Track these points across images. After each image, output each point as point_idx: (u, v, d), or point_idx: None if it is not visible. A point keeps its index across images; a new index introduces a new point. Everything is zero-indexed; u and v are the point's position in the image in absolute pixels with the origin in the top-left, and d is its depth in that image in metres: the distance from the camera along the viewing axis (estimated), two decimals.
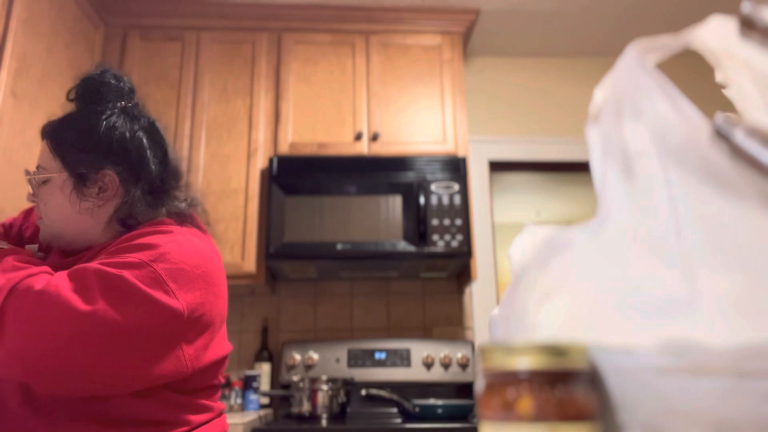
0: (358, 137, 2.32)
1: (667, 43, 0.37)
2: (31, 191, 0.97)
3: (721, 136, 0.30)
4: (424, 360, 2.32)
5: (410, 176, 2.26)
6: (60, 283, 0.77)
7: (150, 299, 0.79)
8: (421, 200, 2.21)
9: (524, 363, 0.30)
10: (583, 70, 2.87)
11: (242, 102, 2.36)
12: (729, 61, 0.37)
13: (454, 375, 2.31)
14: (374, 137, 2.32)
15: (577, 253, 0.36)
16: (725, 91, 0.40)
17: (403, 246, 2.16)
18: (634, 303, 0.32)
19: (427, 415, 2.00)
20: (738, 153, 0.29)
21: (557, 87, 2.86)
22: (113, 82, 0.99)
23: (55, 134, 0.96)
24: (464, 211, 2.22)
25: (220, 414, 0.96)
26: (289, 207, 2.18)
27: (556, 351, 0.30)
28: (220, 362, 0.94)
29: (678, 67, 2.68)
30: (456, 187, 2.25)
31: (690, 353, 0.29)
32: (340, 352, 2.34)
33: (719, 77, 0.40)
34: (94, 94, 0.97)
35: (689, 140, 0.33)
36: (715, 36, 0.37)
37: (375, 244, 2.15)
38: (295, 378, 2.11)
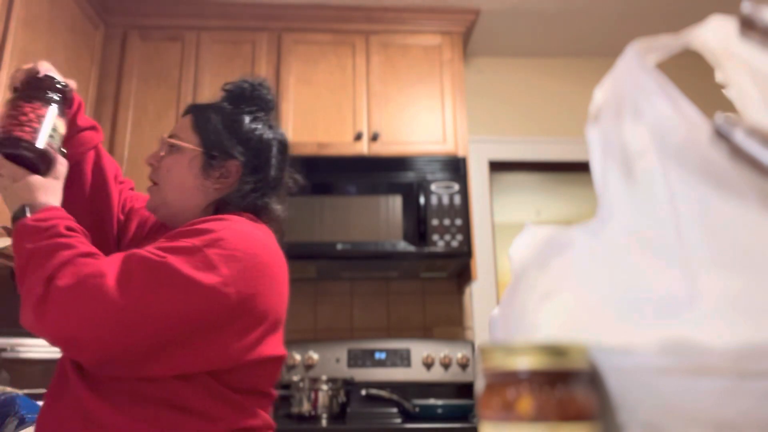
0: (358, 137, 2.32)
1: (667, 43, 0.37)
2: (161, 153, 1.02)
3: (721, 136, 0.30)
4: (424, 360, 2.32)
5: (410, 176, 2.26)
6: (106, 270, 0.79)
7: (194, 284, 0.80)
8: (421, 200, 2.21)
9: (524, 363, 0.30)
10: (583, 70, 2.87)
11: None
12: (729, 61, 0.37)
13: (454, 375, 2.31)
14: (374, 137, 2.32)
15: (577, 253, 0.36)
16: (725, 91, 0.40)
17: (403, 246, 2.16)
18: (634, 303, 0.32)
19: (427, 415, 2.00)
20: (738, 153, 0.29)
21: (557, 87, 2.86)
22: (265, 94, 1.10)
23: (201, 113, 1.05)
24: (464, 211, 2.22)
25: (267, 428, 0.93)
26: (289, 207, 2.18)
27: (556, 351, 0.30)
28: (271, 364, 0.92)
29: (678, 67, 2.67)
30: (456, 187, 2.25)
31: (690, 353, 0.29)
32: (340, 352, 2.34)
33: (719, 77, 0.40)
34: (247, 96, 1.08)
35: (689, 140, 0.33)
36: (715, 36, 0.37)
37: (375, 244, 2.15)
38: (295, 378, 2.11)
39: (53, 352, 1.96)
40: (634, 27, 2.66)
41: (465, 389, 2.33)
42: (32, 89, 0.93)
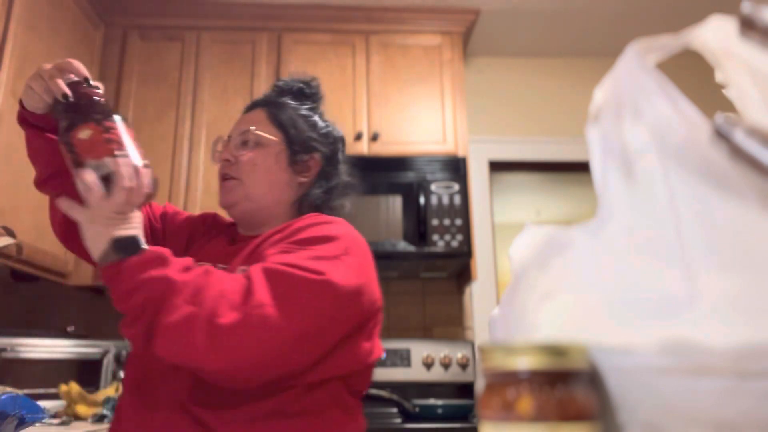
0: (358, 137, 2.32)
1: (667, 43, 0.37)
2: (243, 150, 0.98)
3: (721, 136, 0.30)
4: (424, 360, 2.32)
5: (410, 176, 2.26)
6: (262, 298, 0.74)
7: (341, 294, 0.79)
8: (421, 200, 2.21)
9: (524, 363, 0.30)
10: (583, 70, 2.87)
11: (242, 102, 2.34)
12: (729, 61, 0.37)
13: (454, 375, 2.31)
14: (374, 137, 2.32)
15: (577, 253, 0.36)
16: (725, 91, 0.40)
17: (403, 246, 2.16)
18: (635, 303, 0.32)
19: (427, 415, 2.00)
20: (738, 153, 0.29)
21: (557, 87, 2.86)
22: (319, 91, 1.11)
23: (277, 108, 1.03)
24: (464, 211, 2.22)
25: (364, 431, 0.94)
26: None
27: (556, 351, 0.30)
28: (374, 364, 0.93)
29: (678, 67, 2.67)
30: (456, 187, 2.25)
31: (690, 353, 0.29)
32: None
33: (719, 77, 0.40)
34: (306, 93, 1.08)
35: (689, 140, 0.33)
36: (715, 36, 0.37)
37: (375, 244, 2.15)
38: None
39: (53, 353, 1.96)
40: (634, 27, 2.66)
41: (465, 389, 2.33)
42: (92, 104, 0.82)
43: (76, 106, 0.81)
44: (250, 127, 0.99)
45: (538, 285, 0.37)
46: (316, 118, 1.06)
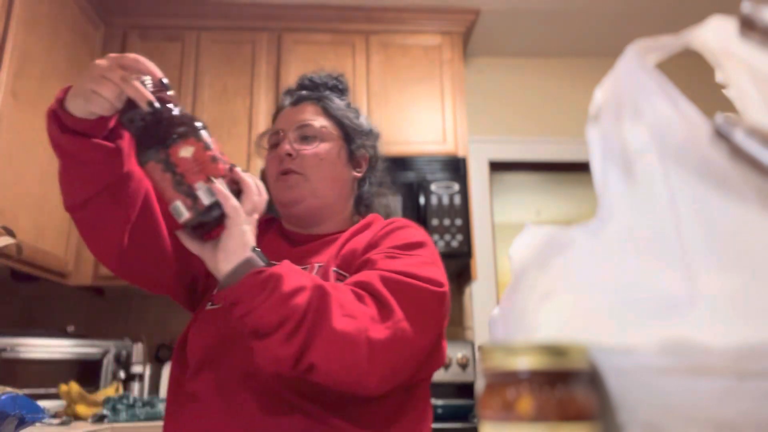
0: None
1: (667, 43, 0.37)
2: (305, 144, 0.94)
3: (721, 136, 0.30)
4: None
5: (410, 176, 2.26)
6: (399, 313, 0.73)
7: (444, 299, 0.81)
8: (421, 200, 2.21)
9: (524, 363, 0.30)
10: (583, 70, 2.87)
11: (242, 102, 2.35)
12: (729, 61, 0.37)
13: (454, 375, 2.31)
14: None
15: (577, 253, 0.36)
16: (725, 91, 0.40)
17: None
18: (635, 303, 0.32)
19: None
20: (738, 153, 0.29)
21: (557, 87, 2.86)
22: (347, 87, 1.08)
23: (329, 101, 1.00)
24: (464, 211, 2.22)
25: None
26: None
27: (556, 351, 0.30)
28: None
29: (678, 67, 2.67)
30: (456, 187, 2.25)
31: (690, 353, 0.29)
32: None
33: (719, 77, 0.40)
34: (340, 88, 1.05)
35: (689, 140, 0.33)
36: (715, 36, 0.37)
37: None
38: None
39: (53, 353, 1.96)
40: (634, 27, 2.66)
41: (465, 389, 2.33)
42: (178, 114, 0.73)
43: (161, 117, 0.72)
44: (313, 121, 0.95)
45: (538, 285, 0.37)
46: (360, 113, 1.04)
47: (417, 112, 2.41)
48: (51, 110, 0.81)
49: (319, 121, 0.96)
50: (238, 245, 0.72)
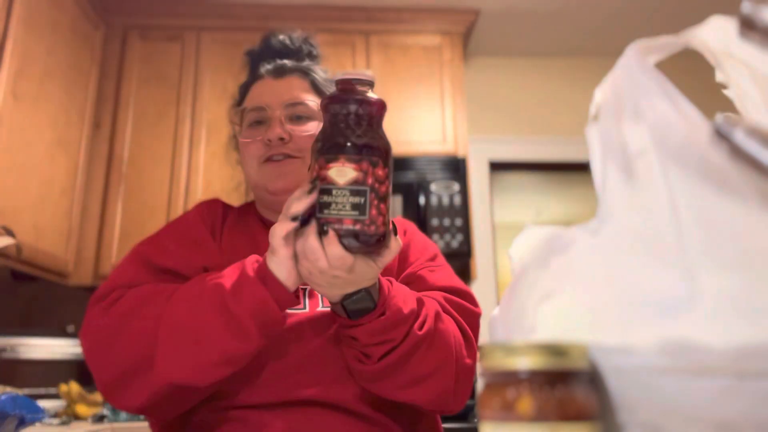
0: None
1: (667, 43, 0.37)
2: (298, 124, 0.85)
3: (721, 136, 0.30)
4: None
5: (410, 176, 2.26)
6: (455, 331, 0.77)
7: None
8: (421, 200, 2.21)
9: (524, 363, 0.30)
10: (583, 70, 2.87)
11: None
12: (729, 61, 0.37)
13: None
14: None
15: (577, 253, 0.36)
16: (725, 91, 0.40)
17: None
18: (634, 303, 0.32)
19: None
20: (738, 153, 0.29)
21: (557, 87, 2.86)
22: (319, 52, 1.01)
23: (315, 73, 0.92)
24: (464, 211, 2.22)
25: None
26: None
27: (556, 351, 0.30)
28: None
29: (678, 67, 2.67)
30: (456, 187, 2.25)
31: (690, 353, 0.29)
32: None
33: (719, 77, 0.40)
34: (314, 55, 0.99)
35: (689, 140, 0.33)
36: (715, 36, 0.37)
37: None
38: None
39: (53, 353, 1.96)
40: (634, 27, 2.66)
41: None
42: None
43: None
44: (307, 100, 0.87)
45: (538, 285, 0.37)
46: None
47: (417, 112, 2.41)
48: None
49: (311, 99, 0.88)
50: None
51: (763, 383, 0.28)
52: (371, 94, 0.66)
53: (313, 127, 0.85)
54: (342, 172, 0.61)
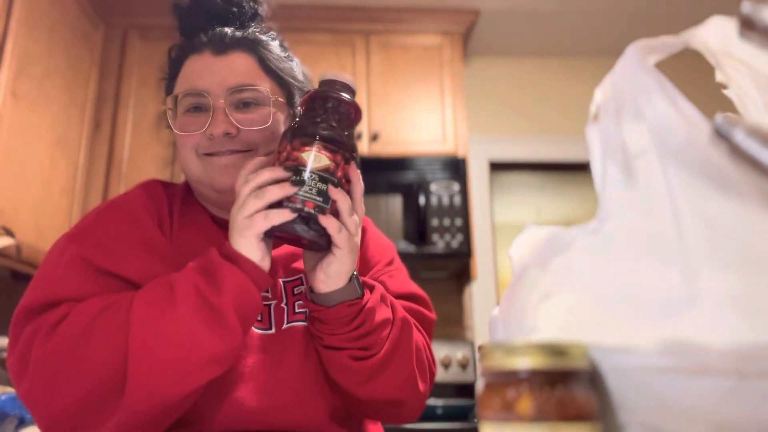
0: (358, 137, 2.32)
1: (667, 43, 0.37)
2: (245, 112, 0.75)
3: (721, 136, 0.30)
4: None
5: (410, 176, 2.26)
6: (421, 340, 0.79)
7: None
8: (421, 200, 2.21)
9: (524, 363, 0.30)
10: (583, 70, 2.87)
11: None
12: (729, 61, 0.37)
13: (454, 375, 2.31)
14: (374, 137, 2.32)
15: (577, 253, 0.36)
16: (725, 91, 0.40)
17: (403, 246, 2.16)
18: (634, 303, 0.32)
19: (427, 415, 2.00)
20: (738, 153, 0.29)
21: (557, 87, 2.86)
22: (266, 13, 0.92)
23: (262, 50, 0.80)
24: (464, 211, 2.22)
25: None
26: None
27: (556, 351, 0.30)
28: None
29: (678, 67, 2.67)
30: (456, 187, 2.25)
31: (690, 353, 0.29)
32: None
33: (719, 77, 0.40)
34: (261, 15, 0.89)
35: (689, 140, 0.33)
36: (715, 36, 0.37)
37: None
38: None
39: None
40: (634, 27, 2.66)
41: (465, 389, 2.33)
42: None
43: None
44: (256, 85, 0.75)
45: (538, 285, 0.37)
46: (293, 59, 0.85)
47: (417, 112, 2.41)
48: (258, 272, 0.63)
49: (262, 82, 0.76)
50: (349, 268, 0.67)
51: (764, 383, 0.28)
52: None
53: (264, 116, 0.74)
54: (317, 158, 0.61)
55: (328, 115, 0.65)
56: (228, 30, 0.80)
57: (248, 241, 0.61)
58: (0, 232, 1.69)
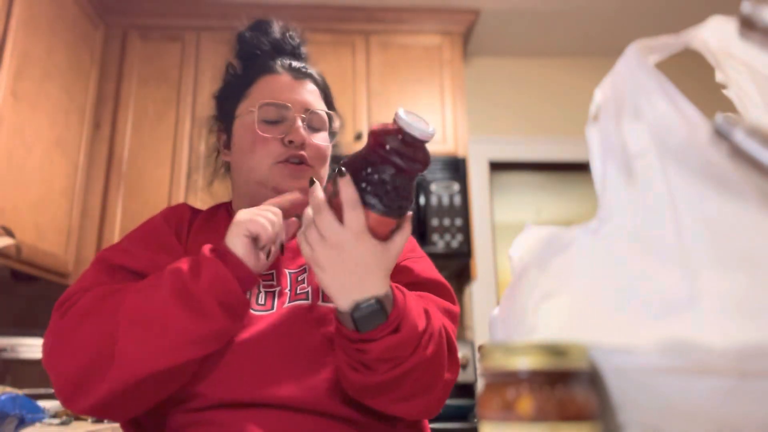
0: (358, 137, 2.32)
1: (667, 43, 0.37)
2: (313, 133, 0.85)
3: (721, 136, 0.30)
4: None
5: None
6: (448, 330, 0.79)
7: None
8: (421, 200, 2.21)
9: (524, 363, 0.30)
10: (583, 70, 2.87)
11: None
12: (729, 61, 0.37)
13: None
14: None
15: (577, 253, 0.36)
16: (725, 91, 0.40)
17: None
18: (634, 303, 0.32)
19: None
20: (738, 153, 0.29)
21: (557, 87, 2.86)
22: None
23: (324, 85, 0.94)
24: (464, 211, 2.22)
25: None
26: None
27: (556, 351, 0.30)
28: None
29: (678, 67, 2.67)
30: (456, 187, 2.25)
31: (690, 353, 0.29)
32: None
33: (719, 77, 0.40)
34: (303, 55, 1.02)
35: (689, 140, 0.33)
36: (715, 36, 0.37)
37: None
38: None
39: None
40: (634, 27, 2.66)
41: (465, 389, 2.33)
42: None
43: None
44: (322, 111, 0.87)
45: (538, 285, 0.37)
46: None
47: (417, 112, 2.41)
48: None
49: (324, 110, 0.89)
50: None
51: (764, 383, 0.28)
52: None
53: (324, 139, 0.86)
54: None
55: (403, 181, 0.59)
56: (296, 63, 0.95)
57: (236, 239, 0.67)
58: (0, 232, 1.69)
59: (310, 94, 0.89)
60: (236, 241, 0.67)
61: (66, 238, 2.10)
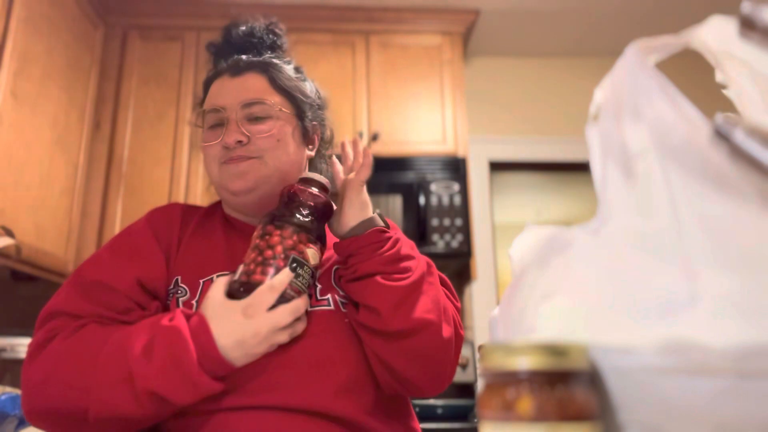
0: (359, 137, 2.32)
1: (667, 43, 0.37)
2: (256, 124, 0.85)
3: (721, 136, 0.30)
4: None
5: (410, 176, 2.26)
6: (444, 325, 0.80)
7: None
8: (421, 200, 2.21)
9: (524, 363, 0.30)
10: (583, 70, 2.87)
11: None
12: (729, 61, 0.37)
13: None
14: (374, 137, 2.32)
15: (577, 253, 0.36)
16: (725, 91, 0.40)
17: None
18: (634, 303, 0.32)
19: (427, 415, 2.00)
20: (738, 153, 0.29)
21: (557, 87, 2.86)
22: (286, 42, 1.00)
23: (273, 70, 0.90)
24: (464, 211, 2.22)
25: None
26: None
27: (556, 351, 0.30)
28: None
29: (678, 67, 2.67)
30: (456, 187, 2.25)
31: (690, 353, 0.29)
32: None
33: (719, 77, 0.40)
34: (279, 45, 0.98)
35: (689, 140, 0.33)
36: (715, 36, 0.37)
37: None
38: None
39: None
40: (634, 27, 2.66)
41: (465, 389, 2.33)
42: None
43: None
44: (264, 99, 0.85)
45: (538, 285, 0.37)
46: (306, 79, 0.94)
47: (417, 112, 2.41)
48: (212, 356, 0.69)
49: (271, 98, 0.86)
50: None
51: (764, 383, 0.28)
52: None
53: (272, 127, 0.85)
54: (315, 256, 0.76)
55: (321, 214, 0.80)
56: (244, 56, 0.93)
57: (256, 348, 0.71)
58: (0, 232, 1.69)
59: (249, 86, 0.87)
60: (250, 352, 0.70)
61: (66, 238, 2.10)
